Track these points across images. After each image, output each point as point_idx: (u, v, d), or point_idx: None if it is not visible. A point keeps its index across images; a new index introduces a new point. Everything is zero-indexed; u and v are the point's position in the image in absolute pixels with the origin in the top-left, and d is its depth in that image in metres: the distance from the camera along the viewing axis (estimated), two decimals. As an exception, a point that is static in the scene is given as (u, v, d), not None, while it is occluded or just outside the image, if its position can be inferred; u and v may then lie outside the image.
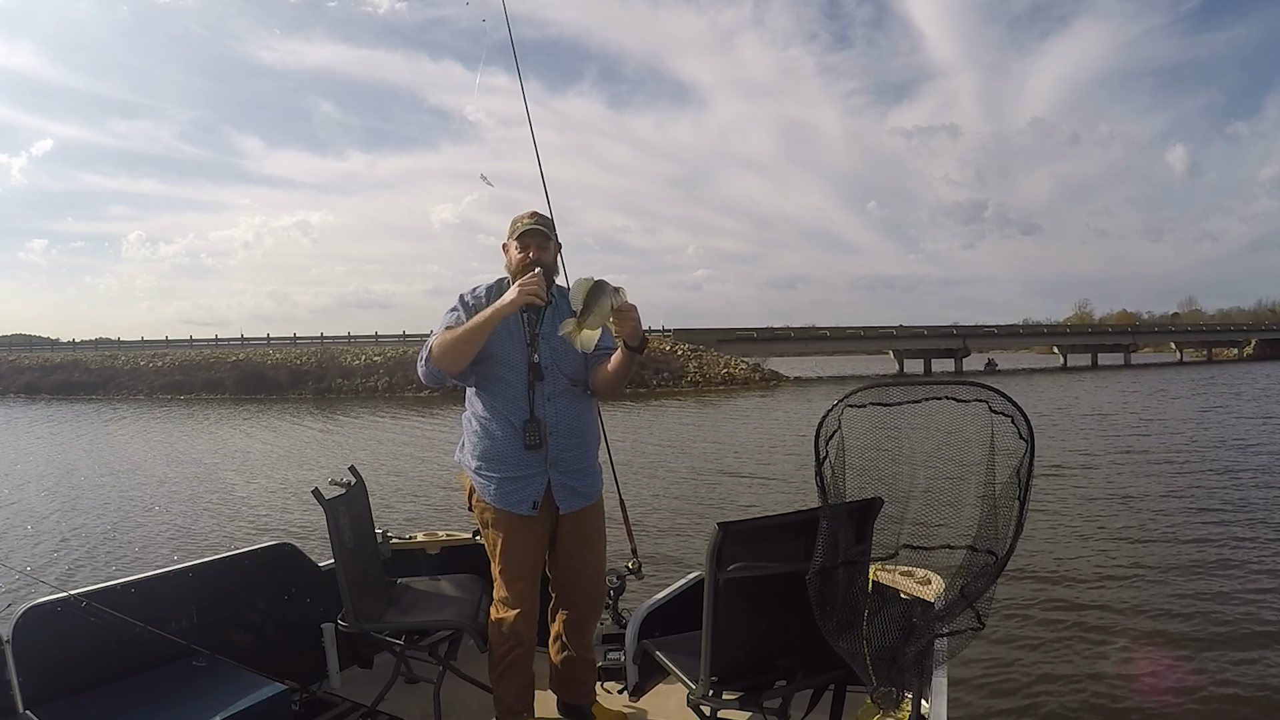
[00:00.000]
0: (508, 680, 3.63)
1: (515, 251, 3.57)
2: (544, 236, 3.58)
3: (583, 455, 3.67)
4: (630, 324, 3.28)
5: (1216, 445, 19.54)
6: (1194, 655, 6.83)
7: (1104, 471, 15.99)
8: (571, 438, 3.59)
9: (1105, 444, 20.44)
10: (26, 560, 10.86)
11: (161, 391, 53.89)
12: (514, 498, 3.52)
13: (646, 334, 3.43)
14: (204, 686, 3.31)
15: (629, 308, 3.26)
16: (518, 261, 3.55)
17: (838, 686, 3.25)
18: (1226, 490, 13.74)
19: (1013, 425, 2.80)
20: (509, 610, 3.55)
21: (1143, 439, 21.52)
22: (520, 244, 3.56)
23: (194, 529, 12.53)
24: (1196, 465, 16.53)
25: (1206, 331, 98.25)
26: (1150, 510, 12.32)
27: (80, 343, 71.93)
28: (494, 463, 3.54)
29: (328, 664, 4.23)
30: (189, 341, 67.90)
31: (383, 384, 52.75)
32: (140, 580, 3.55)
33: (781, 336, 73.63)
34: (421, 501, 13.98)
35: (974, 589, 2.86)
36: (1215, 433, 22.34)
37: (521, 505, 3.52)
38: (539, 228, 3.58)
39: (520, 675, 3.64)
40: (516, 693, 3.65)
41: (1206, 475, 15.30)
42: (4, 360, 64.40)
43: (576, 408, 3.62)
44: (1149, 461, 17.27)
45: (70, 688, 3.18)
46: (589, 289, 3.19)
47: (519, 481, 3.52)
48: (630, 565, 4.52)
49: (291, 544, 4.27)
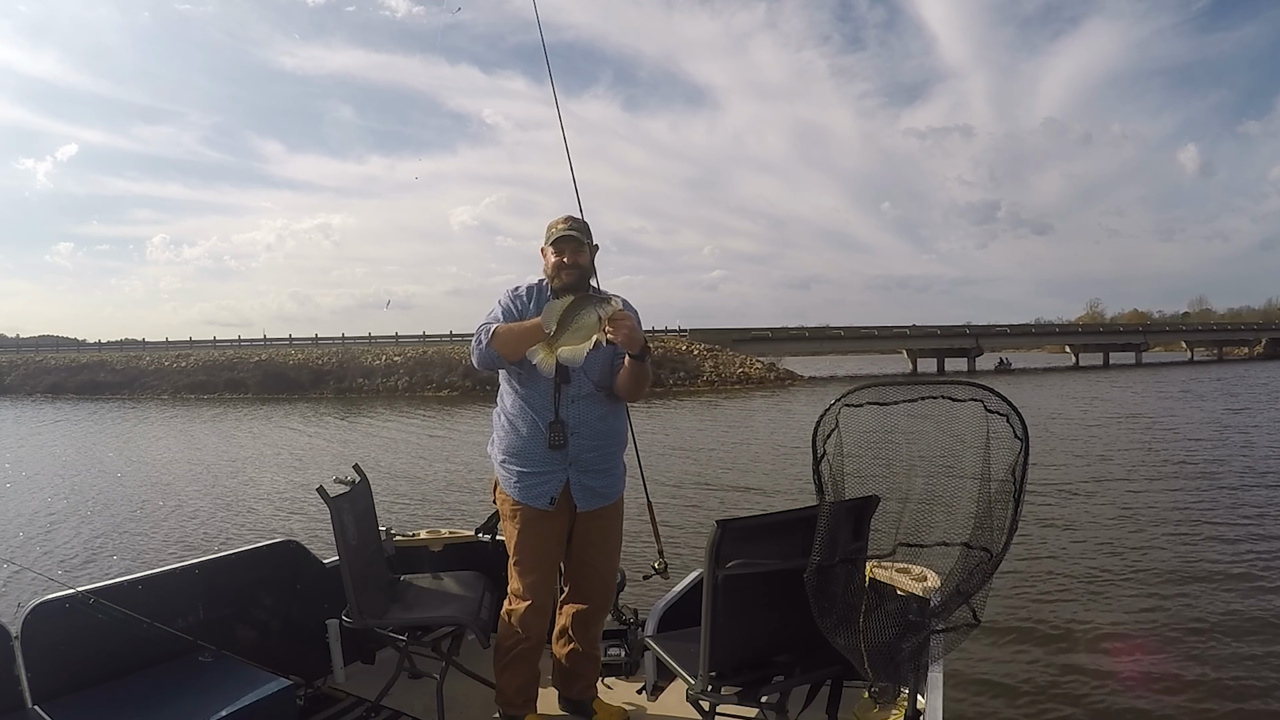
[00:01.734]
0: (511, 673, 3.66)
1: (551, 256, 3.66)
2: (578, 242, 3.65)
3: (604, 456, 3.70)
4: (624, 332, 3.27)
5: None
6: (1182, 645, 6.88)
7: (1127, 471, 15.94)
8: (594, 439, 3.64)
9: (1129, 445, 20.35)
10: (40, 557, 10.94)
11: (185, 391, 54.08)
12: (532, 492, 3.59)
13: (667, 333, 3.44)
14: (210, 681, 3.32)
15: (622, 317, 3.26)
16: (553, 265, 3.65)
17: (835, 682, 3.27)
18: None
19: (1008, 424, 2.80)
20: (520, 602, 3.61)
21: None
22: (556, 249, 3.64)
23: (214, 523, 12.62)
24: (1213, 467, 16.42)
25: (1217, 330, 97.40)
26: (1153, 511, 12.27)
27: (106, 343, 72.32)
28: (517, 458, 3.63)
29: (332, 659, 4.25)
30: (213, 342, 68.13)
31: (403, 383, 52.80)
32: (147, 577, 3.57)
33: (796, 336, 73.47)
34: (435, 504, 13.73)
35: (970, 585, 2.85)
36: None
37: (539, 500, 3.59)
38: (574, 233, 3.65)
39: (524, 670, 3.68)
40: (519, 686, 3.68)
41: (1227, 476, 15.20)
42: (31, 361, 64.74)
43: (600, 410, 3.66)
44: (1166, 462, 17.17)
45: (78, 683, 3.20)
46: (563, 309, 3.23)
47: (539, 477, 3.59)
48: (656, 565, 4.55)
49: (296, 541, 4.28)
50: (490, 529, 4.52)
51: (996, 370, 70.27)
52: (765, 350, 65.57)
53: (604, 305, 3.24)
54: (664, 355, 56.36)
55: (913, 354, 77.03)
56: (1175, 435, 21.82)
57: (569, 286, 3.59)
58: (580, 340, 3.24)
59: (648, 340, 3.53)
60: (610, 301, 3.25)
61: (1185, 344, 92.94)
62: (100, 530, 12.51)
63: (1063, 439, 21.12)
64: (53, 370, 61.20)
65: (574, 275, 3.63)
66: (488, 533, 4.52)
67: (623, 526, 3.91)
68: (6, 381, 59.96)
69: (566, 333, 3.23)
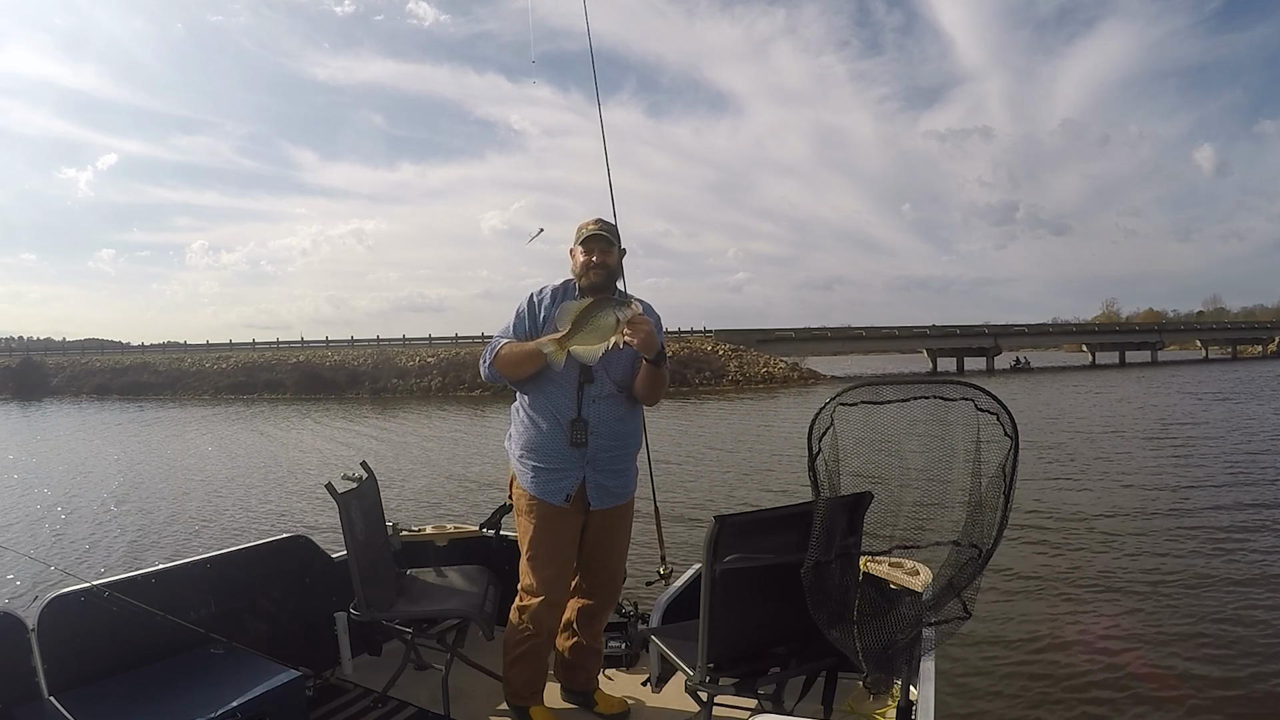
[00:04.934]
0: (520, 666, 3.64)
1: (580, 255, 3.64)
2: (607, 242, 3.64)
3: (620, 456, 3.69)
4: (641, 335, 3.24)
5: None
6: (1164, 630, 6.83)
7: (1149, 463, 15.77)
8: (612, 439, 3.62)
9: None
10: (71, 549, 11.12)
11: (226, 392, 54.55)
12: (549, 488, 3.56)
13: (693, 334, 3.42)
14: (221, 673, 3.32)
15: (640, 321, 3.24)
16: (582, 264, 3.63)
17: (829, 673, 3.29)
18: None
19: (998, 422, 2.79)
20: (532, 598, 3.58)
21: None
22: (585, 248, 3.62)
23: (239, 518, 12.72)
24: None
25: (1231, 329, 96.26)
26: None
27: (149, 346, 72.86)
28: (535, 453, 3.60)
29: (340, 651, 4.26)
30: (252, 344, 68.38)
31: (436, 384, 52.92)
32: (161, 571, 3.58)
33: (819, 336, 73.10)
34: (461, 501, 13.71)
35: (961, 580, 2.87)
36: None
37: (555, 496, 3.55)
38: (603, 233, 3.64)
39: (535, 663, 3.65)
40: (528, 678, 3.66)
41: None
42: (77, 363, 65.32)
43: (619, 411, 3.64)
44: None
45: (93, 674, 3.21)
46: (580, 309, 3.22)
47: (555, 474, 3.56)
48: (661, 571, 4.49)
49: (305, 536, 4.30)
50: (494, 524, 4.53)
51: (1013, 369, 69.79)
52: (789, 350, 65.42)
53: (623, 308, 3.21)
54: (690, 356, 56.76)
55: (933, 353, 76.47)
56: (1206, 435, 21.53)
57: (595, 286, 3.59)
58: (595, 341, 3.21)
59: (665, 346, 3.51)
60: (630, 305, 3.23)
61: (1200, 343, 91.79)
62: (140, 524, 12.67)
63: (1075, 435, 20.97)
64: (98, 372, 61.75)
65: (601, 275, 3.61)
66: (492, 528, 4.54)
67: (632, 526, 3.89)
68: (54, 383, 60.63)
69: (581, 332, 3.20)
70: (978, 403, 2.83)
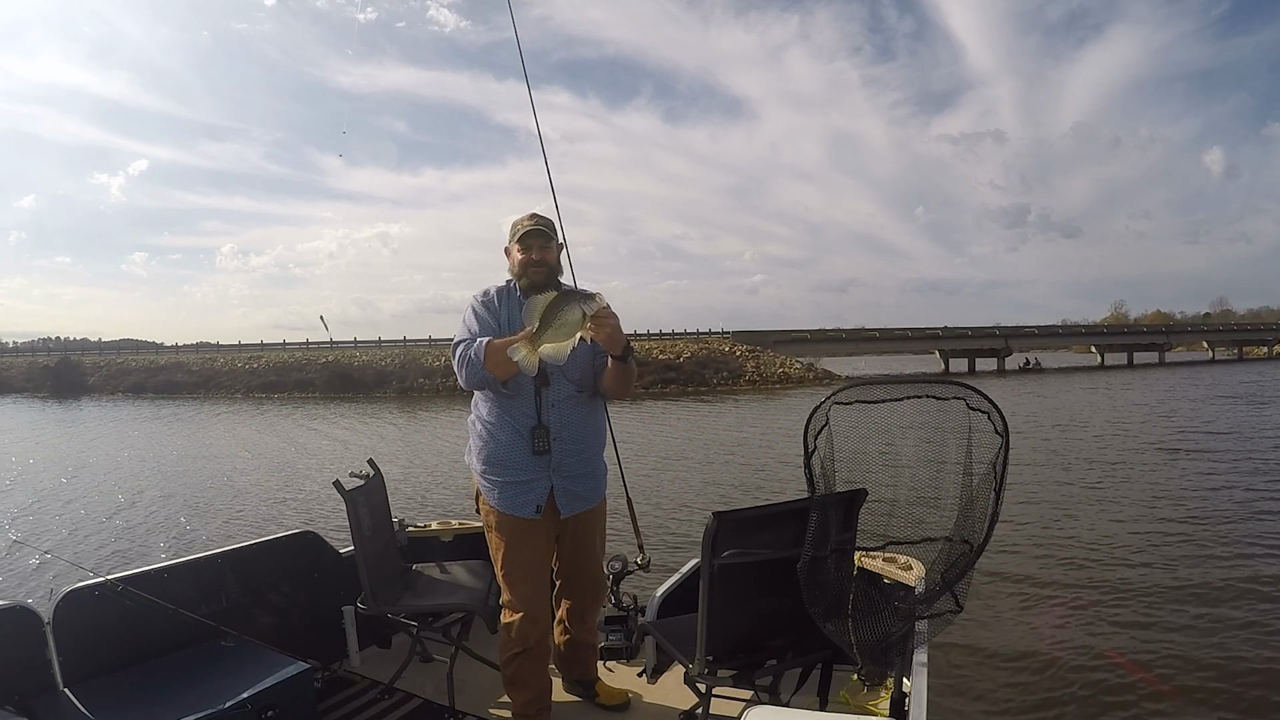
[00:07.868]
0: (518, 689, 3.49)
1: (518, 253, 3.44)
2: (545, 237, 3.45)
3: (586, 460, 3.52)
4: (606, 331, 3.05)
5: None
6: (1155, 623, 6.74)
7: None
8: (575, 443, 3.45)
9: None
10: (101, 541, 11.18)
11: (257, 391, 54.86)
12: (517, 501, 3.38)
13: (710, 335, 3.35)
14: (232, 665, 3.33)
15: (606, 314, 3.04)
16: (520, 263, 3.43)
17: (825, 665, 3.28)
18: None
19: (989, 421, 2.80)
20: (513, 614, 3.41)
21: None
22: (522, 246, 3.42)
23: (265, 511, 12.76)
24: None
25: (1238, 331, 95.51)
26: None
27: (182, 346, 73.29)
28: (499, 467, 3.41)
29: (348, 644, 4.26)
30: (282, 345, 68.74)
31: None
32: (174, 565, 3.59)
33: (834, 337, 73.04)
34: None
35: (953, 574, 2.87)
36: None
37: (525, 509, 3.38)
38: (539, 228, 3.44)
39: (531, 683, 3.49)
40: (529, 699, 3.50)
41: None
42: (113, 363, 65.81)
43: (581, 412, 3.48)
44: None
45: (107, 666, 3.22)
46: (546, 304, 2.97)
47: (523, 486, 3.38)
48: (640, 560, 4.47)
49: (314, 531, 4.31)
50: None
51: (1024, 369, 69.52)
52: (804, 351, 65.52)
53: (588, 301, 2.98)
54: (708, 356, 57.14)
55: (944, 354, 76.21)
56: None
57: (536, 285, 3.36)
58: (564, 337, 2.97)
59: (629, 341, 3.28)
60: (595, 298, 3.00)
61: (1207, 344, 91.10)
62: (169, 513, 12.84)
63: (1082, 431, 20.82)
64: (133, 371, 62.24)
65: (542, 273, 3.41)
66: None
67: (606, 522, 3.78)
68: (91, 381, 61.09)
69: (550, 329, 2.96)
70: (969, 402, 2.84)
